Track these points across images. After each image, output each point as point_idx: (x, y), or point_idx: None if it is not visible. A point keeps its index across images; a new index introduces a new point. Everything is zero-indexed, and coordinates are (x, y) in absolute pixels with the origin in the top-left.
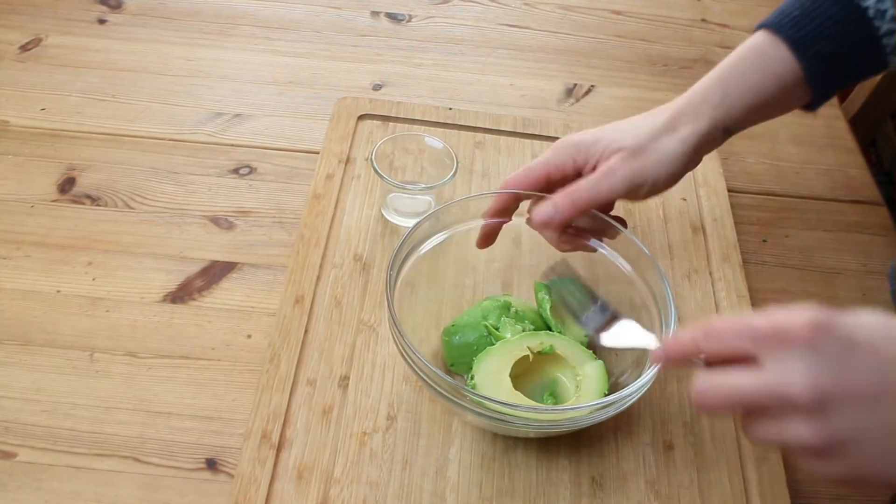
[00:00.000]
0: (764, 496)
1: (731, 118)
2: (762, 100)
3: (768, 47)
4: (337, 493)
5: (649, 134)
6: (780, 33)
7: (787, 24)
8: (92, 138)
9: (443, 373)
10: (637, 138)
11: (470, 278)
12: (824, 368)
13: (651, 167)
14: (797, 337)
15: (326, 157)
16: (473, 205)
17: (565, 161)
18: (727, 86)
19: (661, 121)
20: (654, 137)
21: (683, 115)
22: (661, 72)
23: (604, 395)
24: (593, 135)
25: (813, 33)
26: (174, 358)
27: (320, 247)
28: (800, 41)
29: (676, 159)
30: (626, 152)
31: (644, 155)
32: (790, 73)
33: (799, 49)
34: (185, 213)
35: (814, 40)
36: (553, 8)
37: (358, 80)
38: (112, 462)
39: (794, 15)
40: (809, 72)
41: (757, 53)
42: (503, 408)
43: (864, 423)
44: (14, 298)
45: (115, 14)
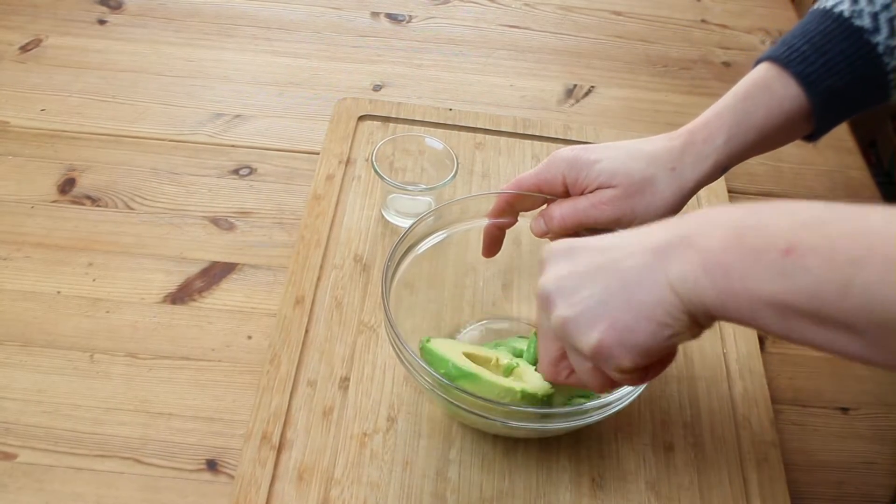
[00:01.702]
0: (764, 497)
1: (733, 156)
2: (766, 135)
3: (776, 82)
4: (337, 494)
5: (645, 171)
6: (790, 68)
7: (797, 59)
8: (92, 139)
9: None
10: (632, 177)
11: (470, 279)
12: (558, 267)
13: (642, 209)
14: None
15: (327, 158)
16: (473, 204)
17: (555, 177)
18: (732, 123)
19: (661, 156)
20: (649, 178)
21: (686, 154)
22: (660, 72)
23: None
24: (589, 155)
25: (823, 68)
26: (174, 359)
27: (320, 247)
28: (810, 76)
29: (670, 203)
30: (619, 191)
31: (637, 197)
32: (796, 109)
33: (809, 85)
34: (186, 214)
35: (824, 75)
36: (553, 9)
37: (358, 80)
38: (113, 463)
39: (802, 50)
40: (818, 107)
41: (764, 88)
42: (497, 407)
43: (592, 286)
44: (14, 299)
45: (115, 15)
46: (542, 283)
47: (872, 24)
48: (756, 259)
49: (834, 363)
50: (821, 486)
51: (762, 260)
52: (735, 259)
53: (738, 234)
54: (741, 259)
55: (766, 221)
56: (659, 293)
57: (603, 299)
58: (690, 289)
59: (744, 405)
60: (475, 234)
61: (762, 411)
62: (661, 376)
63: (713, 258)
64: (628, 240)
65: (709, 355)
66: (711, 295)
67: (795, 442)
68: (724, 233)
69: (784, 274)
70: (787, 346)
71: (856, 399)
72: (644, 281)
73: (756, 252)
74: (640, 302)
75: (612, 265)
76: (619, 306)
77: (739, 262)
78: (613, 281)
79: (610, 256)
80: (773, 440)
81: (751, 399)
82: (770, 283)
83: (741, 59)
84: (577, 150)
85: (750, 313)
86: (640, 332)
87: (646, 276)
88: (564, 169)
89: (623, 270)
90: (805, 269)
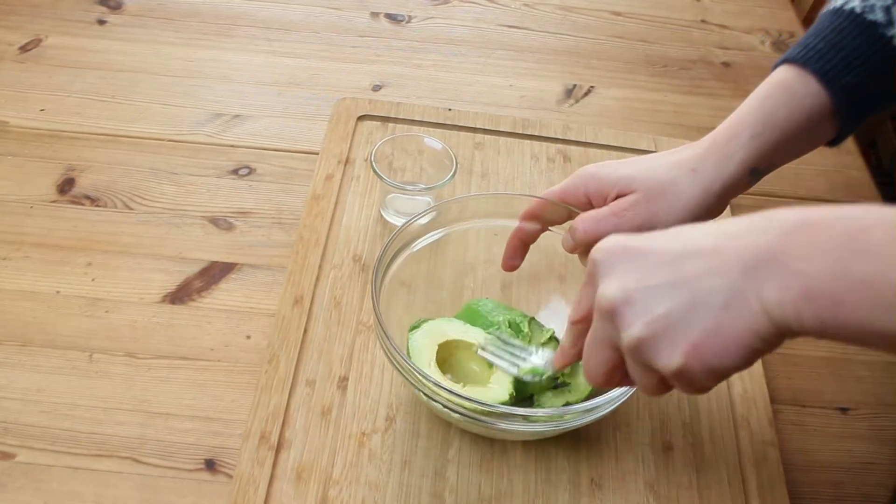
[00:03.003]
0: (763, 497)
1: (760, 157)
2: (790, 136)
3: (795, 81)
4: (336, 493)
5: (667, 175)
6: (808, 67)
7: (814, 58)
8: (91, 139)
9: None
10: (652, 180)
11: (469, 279)
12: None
13: (664, 213)
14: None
15: (326, 158)
16: (471, 204)
17: (578, 190)
18: (755, 122)
19: (683, 160)
20: (671, 180)
21: (709, 156)
22: (660, 72)
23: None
24: (611, 168)
25: (841, 64)
26: (173, 359)
27: (319, 247)
28: (829, 73)
29: (693, 205)
30: (640, 195)
31: (658, 201)
32: (818, 108)
33: (829, 81)
34: (185, 214)
35: (843, 72)
36: (552, 9)
37: (357, 80)
38: (111, 463)
39: (818, 48)
40: (839, 104)
41: (784, 88)
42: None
43: (669, 303)
44: (13, 299)
45: (114, 15)
46: (607, 293)
47: (885, 18)
48: (870, 291)
49: (834, 363)
50: (820, 487)
51: (877, 293)
52: (844, 290)
53: (843, 261)
54: (851, 290)
55: (876, 245)
56: (752, 320)
57: (683, 318)
58: (789, 316)
59: (743, 405)
60: (474, 234)
61: (761, 411)
62: None
63: (817, 287)
64: (699, 244)
65: None
66: (814, 325)
67: (794, 442)
68: (827, 256)
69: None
70: (786, 346)
71: (855, 399)
72: (733, 305)
73: (868, 284)
74: (731, 327)
75: (689, 283)
76: (704, 329)
77: (850, 294)
78: (695, 299)
79: (684, 271)
80: (772, 440)
81: (750, 399)
82: (887, 318)
83: (741, 59)
84: (600, 164)
85: (858, 340)
86: (728, 358)
87: (735, 301)
88: (586, 180)
89: (706, 290)
90: None
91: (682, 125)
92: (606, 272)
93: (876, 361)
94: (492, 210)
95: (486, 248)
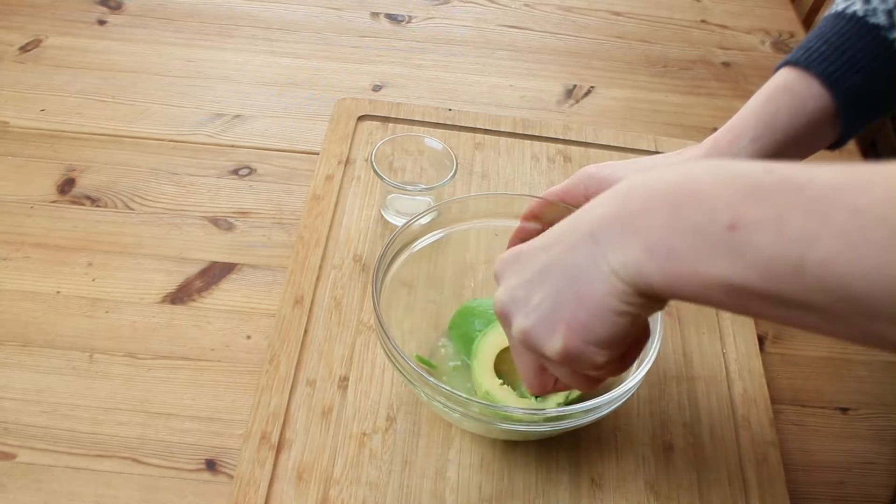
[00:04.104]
0: (763, 497)
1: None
2: (792, 139)
3: (797, 84)
4: (336, 493)
5: None
6: (811, 69)
7: (817, 60)
8: (92, 139)
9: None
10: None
11: (469, 279)
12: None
13: None
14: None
15: (326, 158)
16: (471, 204)
17: (578, 191)
18: (757, 125)
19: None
20: None
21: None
22: (660, 73)
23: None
24: (611, 169)
25: (844, 66)
26: (174, 359)
27: (320, 248)
28: (832, 76)
29: None
30: None
31: None
32: (821, 111)
33: (832, 84)
34: (185, 214)
35: (846, 74)
36: (553, 9)
37: (358, 80)
38: (112, 463)
39: (821, 51)
40: (843, 107)
41: (786, 91)
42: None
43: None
44: (14, 299)
45: (115, 15)
46: (497, 299)
47: (888, 21)
48: (700, 238)
49: (834, 363)
50: (820, 486)
51: (707, 239)
52: (678, 240)
53: (676, 208)
54: (683, 239)
55: (706, 191)
56: (605, 284)
57: (555, 302)
58: (635, 273)
59: (743, 405)
60: (474, 234)
61: (762, 411)
62: (661, 376)
63: (654, 241)
64: (569, 227)
65: (708, 355)
66: (658, 279)
67: (795, 442)
68: (662, 207)
69: (732, 252)
70: (786, 346)
71: (855, 399)
72: (588, 274)
73: (699, 230)
74: (590, 295)
75: (556, 263)
76: (571, 305)
77: (682, 243)
78: (560, 279)
79: (554, 253)
80: (772, 440)
81: (750, 399)
82: (718, 264)
83: (741, 59)
84: (601, 165)
85: (701, 294)
86: (599, 326)
87: (589, 269)
88: (587, 181)
89: (567, 266)
90: (753, 246)
91: (682, 125)
92: (500, 281)
93: (876, 361)
94: (492, 210)
95: (487, 248)
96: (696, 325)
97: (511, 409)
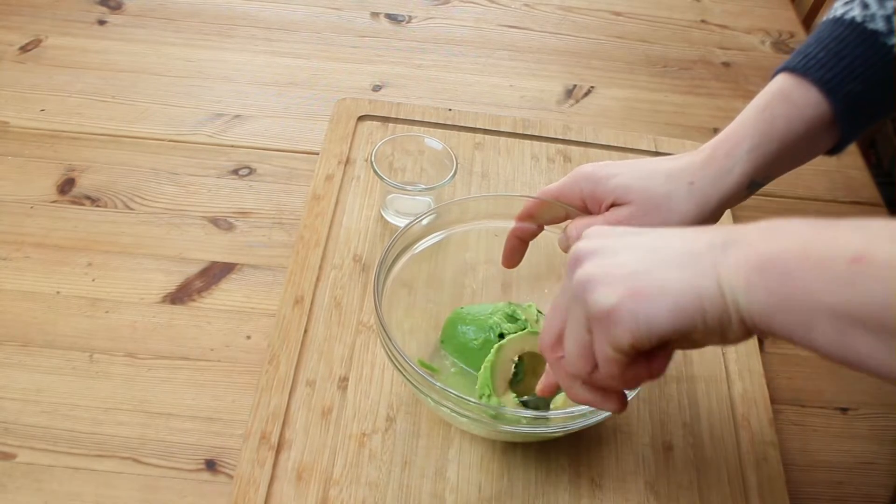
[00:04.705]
0: (763, 497)
1: (758, 170)
2: (789, 147)
3: (794, 91)
4: (336, 493)
5: (663, 187)
6: (808, 76)
7: (815, 67)
8: (92, 139)
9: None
10: (648, 192)
11: (469, 279)
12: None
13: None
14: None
15: (326, 158)
16: (472, 205)
17: (574, 191)
18: (754, 134)
19: (680, 171)
20: (667, 193)
21: (707, 169)
22: (660, 73)
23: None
24: (607, 170)
25: (843, 74)
26: (173, 359)
27: (320, 248)
28: (830, 82)
29: (689, 219)
30: (635, 208)
31: (653, 214)
32: (818, 118)
33: (830, 91)
34: (185, 214)
35: (844, 80)
36: (553, 9)
37: (358, 80)
38: (112, 463)
39: (819, 57)
40: (840, 113)
41: (783, 98)
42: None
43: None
44: (14, 299)
45: (115, 15)
46: (577, 246)
47: (886, 27)
48: (821, 267)
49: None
50: (820, 487)
51: (828, 268)
52: (797, 265)
53: (804, 243)
54: (803, 265)
55: (836, 233)
56: (700, 279)
57: (637, 269)
58: (738, 286)
59: (743, 405)
60: (474, 235)
61: (761, 411)
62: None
63: (772, 259)
64: (681, 230)
65: (708, 355)
66: (761, 298)
67: (795, 442)
68: (789, 240)
69: (852, 283)
70: (786, 346)
71: (855, 399)
72: (688, 263)
73: (821, 260)
74: (676, 283)
75: (657, 241)
76: (650, 280)
77: (801, 268)
78: (655, 255)
79: (657, 235)
80: (772, 440)
81: (750, 399)
82: (834, 291)
83: (741, 59)
84: (598, 165)
85: (804, 322)
86: (658, 308)
87: (691, 262)
88: (583, 182)
89: (668, 248)
90: (875, 278)
91: (682, 125)
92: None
93: None
94: (492, 211)
95: (487, 248)
96: None
97: (516, 412)
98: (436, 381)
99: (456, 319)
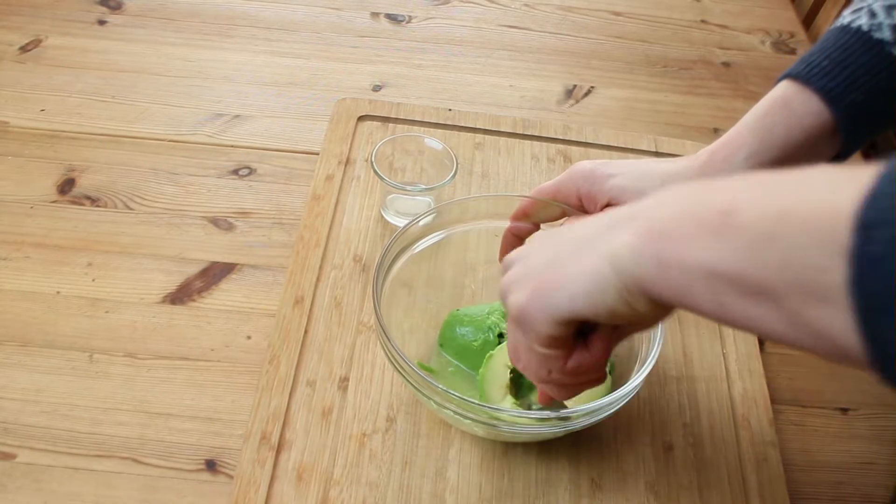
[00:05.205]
0: (763, 497)
1: None
2: (787, 155)
3: (795, 99)
4: (336, 494)
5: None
6: (811, 84)
7: (818, 75)
8: (92, 139)
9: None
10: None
11: (469, 280)
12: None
13: None
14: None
15: (326, 158)
16: (472, 205)
17: (570, 189)
18: (752, 141)
19: (677, 175)
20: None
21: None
22: (660, 73)
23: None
24: (605, 170)
25: (845, 83)
26: (173, 359)
27: (320, 248)
28: (832, 91)
29: None
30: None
31: None
32: (819, 127)
33: (832, 100)
34: (185, 214)
35: (847, 90)
36: (553, 9)
37: (358, 81)
38: (111, 463)
39: (822, 65)
40: (843, 123)
41: (783, 106)
42: (489, 411)
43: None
44: (13, 299)
45: (115, 15)
46: (507, 256)
47: (893, 37)
48: (695, 223)
49: (834, 363)
50: (820, 487)
51: (701, 224)
52: (675, 224)
53: (686, 204)
54: (681, 224)
55: (717, 187)
56: (595, 262)
57: (543, 266)
58: (628, 259)
59: (743, 405)
60: (474, 235)
61: (761, 411)
62: (661, 376)
63: (657, 224)
64: (596, 216)
65: (708, 355)
66: (649, 265)
67: (795, 442)
68: (677, 202)
69: (718, 236)
70: (786, 346)
71: (855, 399)
72: (585, 247)
73: (696, 216)
74: (573, 267)
75: (568, 234)
76: (552, 272)
77: (678, 227)
78: (564, 248)
79: (572, 227)
80: (772, 440)
81: (750, 399)
82: (705, 247)
83: (741, 59)
84: (596, 164)
85: (685, 284)
86: (560, 298)
87: (588, 245)
88: (580, 181)
89: (574, 239)
90: (738, 228)
91: (682, 125)
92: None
93: None
94: (492, 211)
95: (487, 248)
96: (696, 325)
97: (517, 413)
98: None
99: (453, 322)
